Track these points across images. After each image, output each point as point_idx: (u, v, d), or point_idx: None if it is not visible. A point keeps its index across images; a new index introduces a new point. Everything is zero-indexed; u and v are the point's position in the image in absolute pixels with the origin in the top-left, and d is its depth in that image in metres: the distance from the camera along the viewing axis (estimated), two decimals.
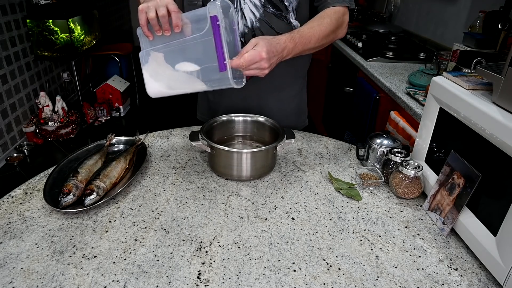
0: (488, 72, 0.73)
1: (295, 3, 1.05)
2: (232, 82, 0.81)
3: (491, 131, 0.68)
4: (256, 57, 0.83)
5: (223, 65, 0.81)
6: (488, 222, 0.71)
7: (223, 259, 0.71)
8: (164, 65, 0.86)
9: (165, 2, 0.79)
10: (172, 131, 1.21)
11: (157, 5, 0.79)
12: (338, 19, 1.01)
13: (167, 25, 0.80)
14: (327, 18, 0.99)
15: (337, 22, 1.01)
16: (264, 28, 1.07)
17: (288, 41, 0.91)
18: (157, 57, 0.86)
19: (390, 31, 2.47)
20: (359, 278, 0.68)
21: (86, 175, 0.88)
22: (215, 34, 0.78)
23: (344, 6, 1.03)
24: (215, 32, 0.78)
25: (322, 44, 1.01)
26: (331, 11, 1.01)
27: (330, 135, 1.45)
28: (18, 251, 0.71)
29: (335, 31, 1.02)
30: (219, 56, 0.80)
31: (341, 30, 1.04)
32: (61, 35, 3.03)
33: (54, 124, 3.02)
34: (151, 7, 0.79)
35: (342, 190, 0.92)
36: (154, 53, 0.85)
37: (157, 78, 0.87)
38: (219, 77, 0.82)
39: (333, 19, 1.00)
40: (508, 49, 1.03)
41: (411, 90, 1.54)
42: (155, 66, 0.86)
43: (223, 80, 0.82)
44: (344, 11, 1.03)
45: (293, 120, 1.26)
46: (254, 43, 0.85)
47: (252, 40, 0.86)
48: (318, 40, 0.98)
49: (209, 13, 0.77)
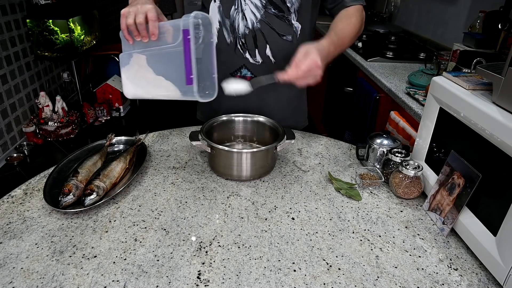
0: (488, 72, 0.73)
1: (297, 5, 1.06)
2: (197, 96, 0.82)
3: (491, 131, 0.68)
4: (313, 66, 0.85)
5: (189, 79, 0.82)
6: (488, 222, 0.71)
7: (223, 259, 0.71)
8: (142, 68, 0.87)
9: (145, 9, 0.81)
10: (172, 131, 1.21)
11: (137, 12, 0.81)
12: (361, 17, 1.07)
13: (144, 32, 0.82)
14: (353, 17, 1.04)
15: (362, 20, 1.06)
16: (265, 29, 1.07)
17: (331, 45, 0.94)
18: (137, 60, 0.87)
19: (390, 31, 2.47)
20: (359, 278, 0.68)
21: (86, 175, 0.88)
22: (185, 47, 0.80)
23: (360, 4, 1.08)
24: (185, 46, 0.80)
25: (352, 43, 1.06)
26: (353, 9, 1.06)
27: (330, 135, 1.45)
28: (18, 251, 0.71)
29: (360, 29, 1.07)
30: (187, 70, 0.81)
31: (362, 27, 1.09)
32: (61, 35, 3.03)
33: (54, 124, 3.02)
34: (132, 12, 0.81)
35: (342, 190, 0.92)
36: (134, 56, 0.87)
37: (134, 80, 0.89)
38: (186, 89, 0.84)
39: (358, 17, 1.05)
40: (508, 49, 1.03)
41: (411, 90, 1.54)
42: (134, 69, 0.88)
43: (189, 93, 0.83)
44: (362, 8, 1.09)
45: (293, 121, 1.26)
46: (305, 52, 0.86)
47: (300, 50, 0.87)
48: (351, 40, 1.03)
49: (182, 26, 0.78)
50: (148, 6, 0.81)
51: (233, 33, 1.10)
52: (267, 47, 1.10)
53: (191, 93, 0.83)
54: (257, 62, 1.12)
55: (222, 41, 1.11)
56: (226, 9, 1.08)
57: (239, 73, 1.15)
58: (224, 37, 1.11)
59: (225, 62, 1.12)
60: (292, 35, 1.10)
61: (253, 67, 1.13)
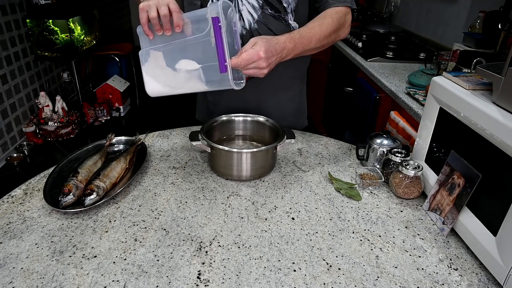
0: (488, 72, 0.73)
1: (293, 5, 1.05)
2: (232, 84, 0.81)
3: (491, 131, 0.68)
4: (254, 56, 0.83)
5: (224, 67, 0.81)
6: (488, 222, 0.71)
7: (223, 259, 0.71)
8: (164, 64, 0.86)
9: (166, 1, 0.79)
10: (172, 131, 1.21)
11: (159, 4, 0.78)
12: (340, 19, 1.00)
13: (168, 24, 0.80)
14: (329, 18, 0.99)
15: (338, 22, 1.00)
16: (262, 30, 1.07)
17: (288, 41, 0.91)
18: (157, 57, 0.85)
19: (390, 31, 2.46)
20: (359, 278, 0.68)
21: (86, 175, 0.88)
22: (216, 35, 0.78)
23: (346, 6, 1.02)
24: (216, 34, 0.78)
25: (323, 45, 1.00)
26: (333, 11, 1.00)
27: (330, 135, 1.45)
28: (18, 251, 0.71)
29: (337, 32, 1.01)
30: (220, 58, 0.80)
31: (343, 31, 1.03)
32: (61, 35, 3.03)
33: (54, 124, 3.02)
34: (152, 5, 0.79)
35: (342, 190, 0.92)
36: (154, 52, 0.85)
37: (156, 77, 0.87)
38: (219, 78, 0.82)
39: (334, 19, 0.99)
40: (508, 49, 1.03)
41: (411, 90, 1.54)
42: (155, 66, 0.86)
43: (223, 81, 0.82)
44: (346, 11, 1.02)
45: (293, 121, 1.26)
46: (253, 42, 0.85)
47: (251, 40, 0.86)
48: (319, 41, 0.97)
49: (210, 14, 0.77)
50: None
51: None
52: None
53: (225, 81, 0.81)
54: None
55: None
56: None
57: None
58: None
59: None
60: None
61: None
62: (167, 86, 0.88)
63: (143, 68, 0.87)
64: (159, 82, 0.88)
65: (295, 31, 0.95)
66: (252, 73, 0.87)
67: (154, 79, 0.87)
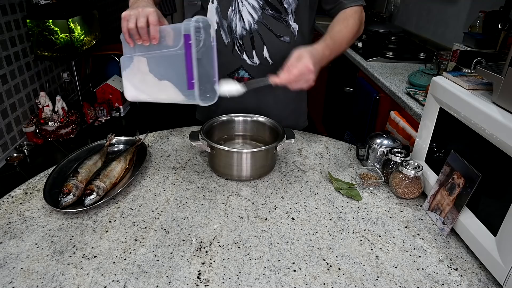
0: (488, 72, 0.73)
1: (294, 5, 1.05)
2: (198, 100, 0.83)
3: (491, 131, 0.68)
4: (305, 70, 0.85)
5: (191, 84, 0.82)
6: (488, 222, 0.71)
7: (223, 259, 0.71)
8: (143, 71, 0.87)
9: (146, 13, 0.80)
10: (172, 131, 1.21)
11: (138, 15, 0.80)
12: (360, 18, 1.05)
13: (146, 36, 0.81)
14: (351, 19, 1.03)
15: (360, 22, 1.05)
16: (263, 31, 1.07)
17: (325, 49, 0.94)
18: (137, 64, 0.87)
19: (390, 31, 2.47)
20: (359, 278, 0.68)
21: (86, 175, 0.88)
22: (186, 52, 0.80)
23: (359, 5, 1.06)
24: (186, 51, 0.80)
25: (350, 45, 1.05)
26: (351, 11, 1.04)
27: (330, 135, 1.45)
28: (18, 251, 0.71)
29: (359, 31, 1.05)
30: (188, 75, 0.81)
31: (361, 28, 1.08)
32: (61, 35, 3.03)
33: (54, 124, 3.02)
34: (132, 16, 0.81)
35: (342, 190, 0.92)
36: (135, 59, 0.87)
37: (135, 83, 0.89)
38: (188, 93, 0.84)
39: (356, 19, 1.03)
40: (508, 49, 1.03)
41: (411, 90, 1.54)
42: (135, 72, 0.88)
43: (191, 97, 0.84)
44: (361, 9, 1.07)
45: (292, 121, 1.26)
46: (298, 56, 0.86)
47: (294, 54, 0.87)
48: (348, 43, 1.02)
49: (183, 31, 0.78)
50: (149, 9, 0.81)
51: (230, 34, 1.10)
52: (265, 48, 1.10)
53: (193, 97, 0.83)
54: (255, 63, 1.12)
55: (219, 42, 1.10)
56: (223, 10, 1.08)
57: (236, 74, 1.15)
58: (221, 38, 1.11)
59: (222, 63, 1.12)
60: (290, 36, 1.10)
61: (251, 68, 1.13)
62: (144, 93, 0.90)
63: (123, 73, 0.89)
64: (137, 88, 0.89)
65: (327, 37, 0.97)
66: (300, 86, 0.88)
67: (132, 84, 0.89)
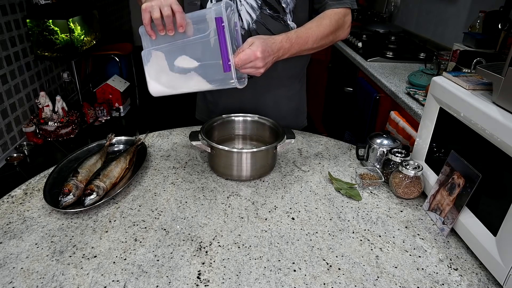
0: (488, 72, 0.73)
1: (292, 5, 1.05)
2: (236, 82, 0.83)
3: (491, 131, 0.68)
4: (251, 56, 0.84)
5: (228, 66, 0.82)
6: (488, 222, 0.71)
7: (223, 259, 0.71)
8: (166, 64, 0.86)
9: (169, 2, 0.79)
10: (172, 131, 1.21)
11: (161, 5, 0.79)
12: (339, 20, 1.01)
13: (172, 25, 0.80)
14: (327, 19, 1.00)
15: (337, 23, 1.01)
16: (261, 30, 1.07)
17: (284, 41, 0.92)
18: (159, 57, 0.86)
19: (390, 31, 2.46)
20: (359, 278, 0.68)
21: (86, 175, 0.88)
22: (220, 35, 0.79)
23: (345, 7, 1.02)
24: (220, 33, 0.79)
25: (321, 45, 1.00)
26: (332, 12, 1.01)
27: (330, 135, 1.45)
28: (18, 251, 0.71)
29: (335, 32, 1.01)
30: (224, 57, 0.81)
31: (342, 31, 1.04)
32: (61, 35, 3.03)
33: (54, 124, 3.02)
34: (155, 6, 0.79)
35: (342, 190, 0.92)
36: (156, 52, 0.86)
37: (158, 77, 0.88)
38: (223, 77, 0.83)
39: (333, 20, 1.00)
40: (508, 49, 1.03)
41: (411, 90, 1.54)
42: (157, 66, 0.87)
43: (226, 80, 0.83)
44: (345, 12, 1.03)
45: (291, 120, 1.26)
46: (250, 42, 0.87)
47: (248, 40, 0.87)
48: (315, 41, 0.98)
49: (214, 14, 0.78)
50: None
51: None
52: None
53: (229, 80, 0.82)
54: None
55: None
56: None
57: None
58: None
59: None
60: None
61: None
62: (169, 86, 0.88)
63: (146, 68, 0.87)
64: (161, 82, 0.88)
65: (292, 31, 0.96)
66: (249, 72, 0.88)
67: (156, 79, 0.88)
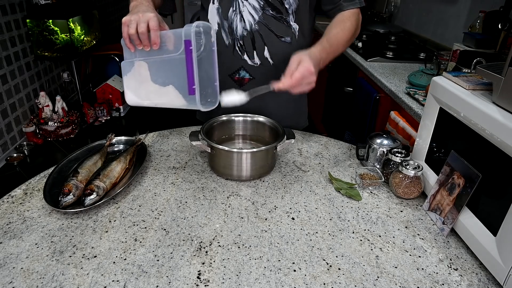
0: (488, 72, 0.73)
1: (294, 6, 1.05)
2: (199, 106, 0.83)
3: (491, 131, 0.68)
4: (306, 73, 0.85)
5: (192, 89, 0.82)
6: (488, 222, 0.71)
7: (223, 259, 0.71)
8: (144, 76, 0.87)
9: (147, 18, 0.80)
10: (172, 131, 1.21)
11: (139, 20, 0.80)
12: (357, 21, 1.06)
13: (146, 41, 0.81)
14: (348, 22, 1.03)
15: (356, 24, 1.06)
16: (263, 31, 1.07)
17: (322, 52, 0.94)
18: (138, 68, 0.87)
19: (390, 31, 2.47)
20: (359, 278, 0.68)
21: (86, 175, 0.88)
22: (187, 58, 0.80)
23: (357, 7, 1.07)
24: (187, 56, 0.80)
25: (346, 48, 1.06)
26: (349, 14, 1.05)
27: (330, 135, 1.45)
28: (18, 251, 0.71)
29: (355, 33, 1.06)
30: (189, 81, 0.81)
31: (358, 31, 1.09)
32: (61, 35, 3.03)
33: (54, 124, 3.01)
34: (133, 21, 0.80)
35: (342, 190, 0.92)
36: (136, 64, 0.87)
37: (136, 88, 0.89)
38: (189, 98, 0.84)
39: (353, 22, 1.04)
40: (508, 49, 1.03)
41: (411, 90, 1.54)
42: (136, 77, 0.88)
43: (192, 102, 0.84)
44: (359, 11, 1.08)
45: (293, 121, 1.26)
46: (298, 60, 0.87)
47: (294, 58, 0.87)
48: (344, 46, 1.03)
49: (184, 36, 0.78)
50: (149, 14, 0.81)
51: (231, 35, 1.10)
52: (265, 48, 1.10)
53: (194, 102, 0.83)
54: (256, 63, 1.12)
55: (220, 43, 1.10)
56: (224, 11, 1.08)
57: (237, 75, 1.15)
58: (222, 39, 1.11)
59: (223, 63, 1.12)
60: (291, 37, 1.10)
61: (252, 68, 1.13)
62: (145, 98, 0.90)
63: (124, 78, 0.89)
64: (138, 93, 0.90)
65: (323, 40, 0.98)
66: (302, 90, 0.88)
67: (133, 89, 0.89)
